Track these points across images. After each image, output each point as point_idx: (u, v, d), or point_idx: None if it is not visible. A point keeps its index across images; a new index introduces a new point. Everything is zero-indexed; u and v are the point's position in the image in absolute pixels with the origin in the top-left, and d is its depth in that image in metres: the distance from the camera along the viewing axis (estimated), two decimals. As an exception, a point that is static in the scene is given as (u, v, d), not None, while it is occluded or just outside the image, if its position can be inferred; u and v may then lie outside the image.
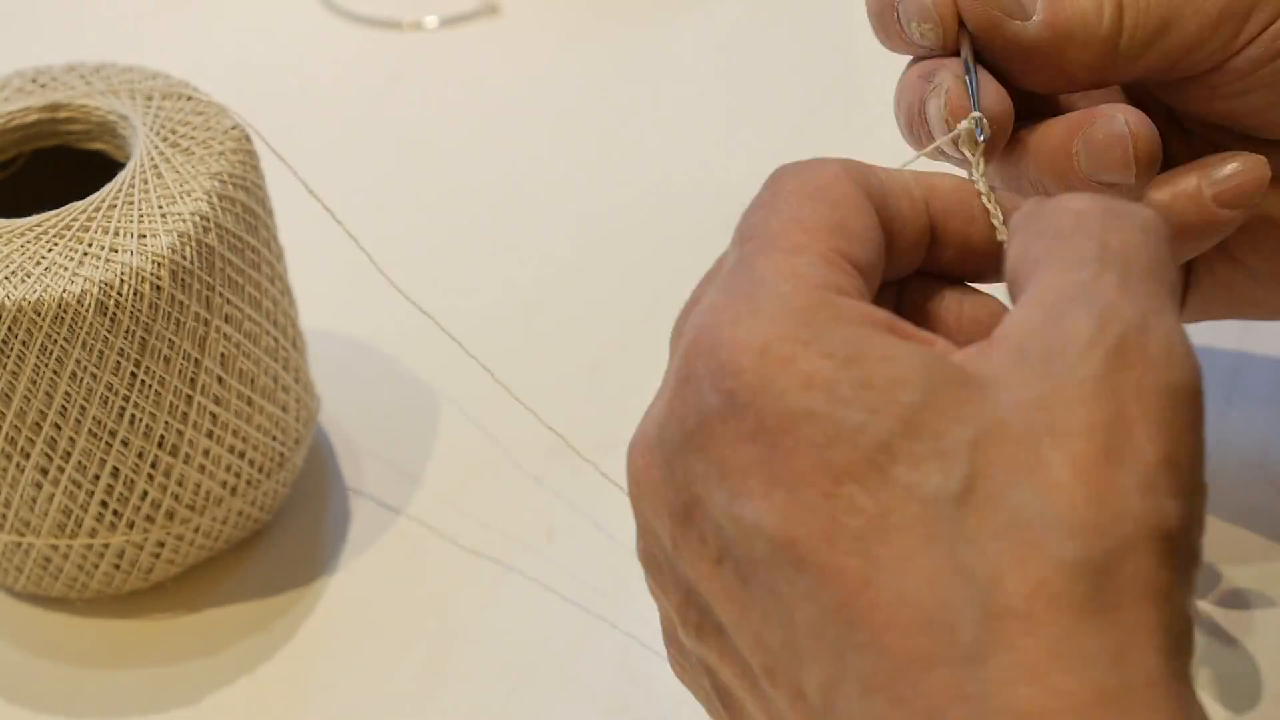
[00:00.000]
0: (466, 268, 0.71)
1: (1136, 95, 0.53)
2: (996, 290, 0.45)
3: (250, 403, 0.57)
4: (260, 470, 0.59)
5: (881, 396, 0.37)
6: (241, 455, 0.58)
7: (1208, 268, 0.53)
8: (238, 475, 0.58)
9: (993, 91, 0.48)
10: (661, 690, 0.56)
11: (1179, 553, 0.37)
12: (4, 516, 0.57)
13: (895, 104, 0.50)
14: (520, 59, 0.81)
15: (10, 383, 0.54)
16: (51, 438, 0.55)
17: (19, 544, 0.57)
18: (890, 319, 0.39)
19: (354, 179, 0.76)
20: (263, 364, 0.57)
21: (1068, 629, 0.35)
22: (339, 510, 0.62)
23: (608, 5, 0.84)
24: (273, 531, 0.62)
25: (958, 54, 0.49)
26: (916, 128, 0.49)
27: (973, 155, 0.46)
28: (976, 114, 0.47)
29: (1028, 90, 0.50)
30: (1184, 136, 0.53)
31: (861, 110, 0.77)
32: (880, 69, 0.81)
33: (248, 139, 0.57)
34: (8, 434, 0.55)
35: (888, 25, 0.50)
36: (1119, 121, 0.48)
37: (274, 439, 0.59)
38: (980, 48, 0.49)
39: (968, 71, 0.48)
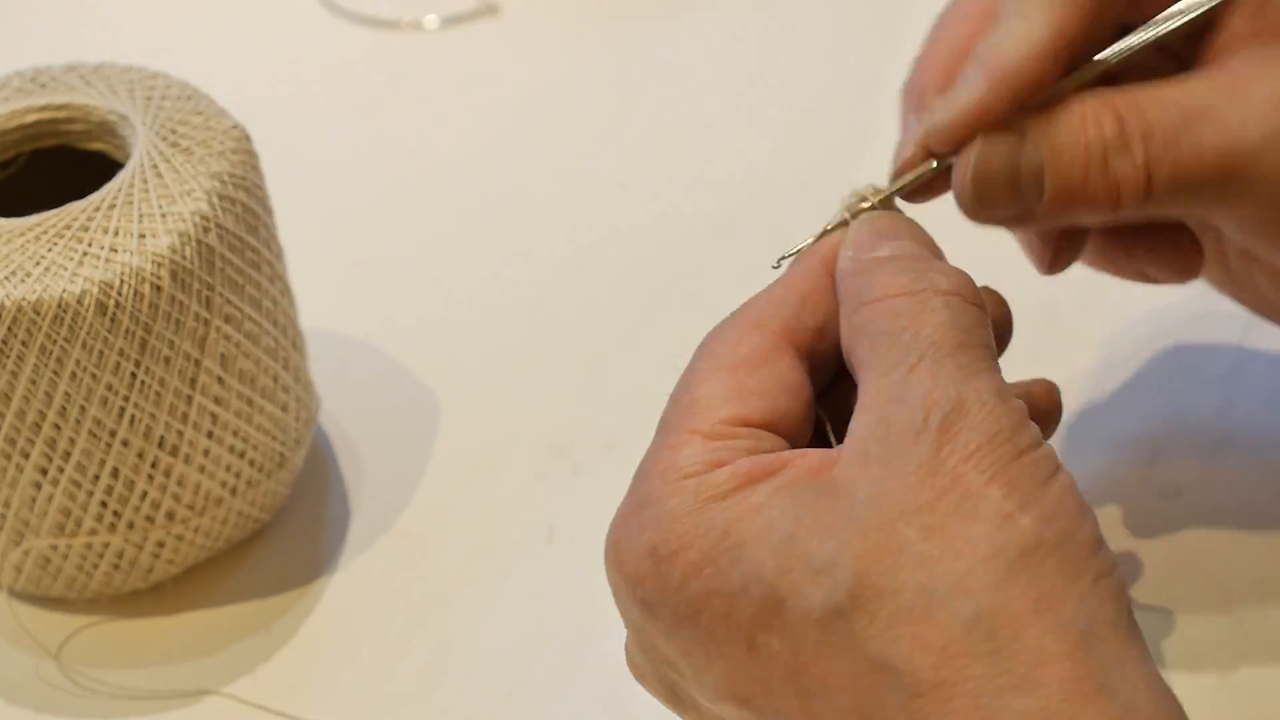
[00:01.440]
0: (466, 267, 0.71)
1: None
2: None
3: (250, 403, 0.57)
4: (260, 470, 0.59)
5: (755, 548, 0.41)
6: (241, 455, 0.58)
7: (1239, 270, 0.54)
8: (238, 475, 0.58)
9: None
10: (661, 690, 0.56)
11: (1054, 552, 0.40)
12: (4, 516, 0.57)
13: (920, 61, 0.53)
14: (520, 59, 0.81)
15: (10, 383, 0.54)
16: (51, 438, 0.55)
17: (19, 544, 0.57)
18: (756, 466, 0.43)
19: (354, 179, 0.76)
20: (263, 364, 0.57)
21: (980, 679, 0.39)
22: (339, 510, 0.62)
23: (608, 5, 0.84)
24: (273, 531, 0.62)
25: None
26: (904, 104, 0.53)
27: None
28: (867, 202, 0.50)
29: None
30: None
31: (864, 109, 0.77)
32: (882, 68, 0.82)
33: (248, 139, 0.57)
34: (8, 434, 0.55)
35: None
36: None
37: (274, 439, 0.59)
38: None
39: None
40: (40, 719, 0.57)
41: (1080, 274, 0.58)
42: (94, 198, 0.55)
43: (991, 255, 0.54)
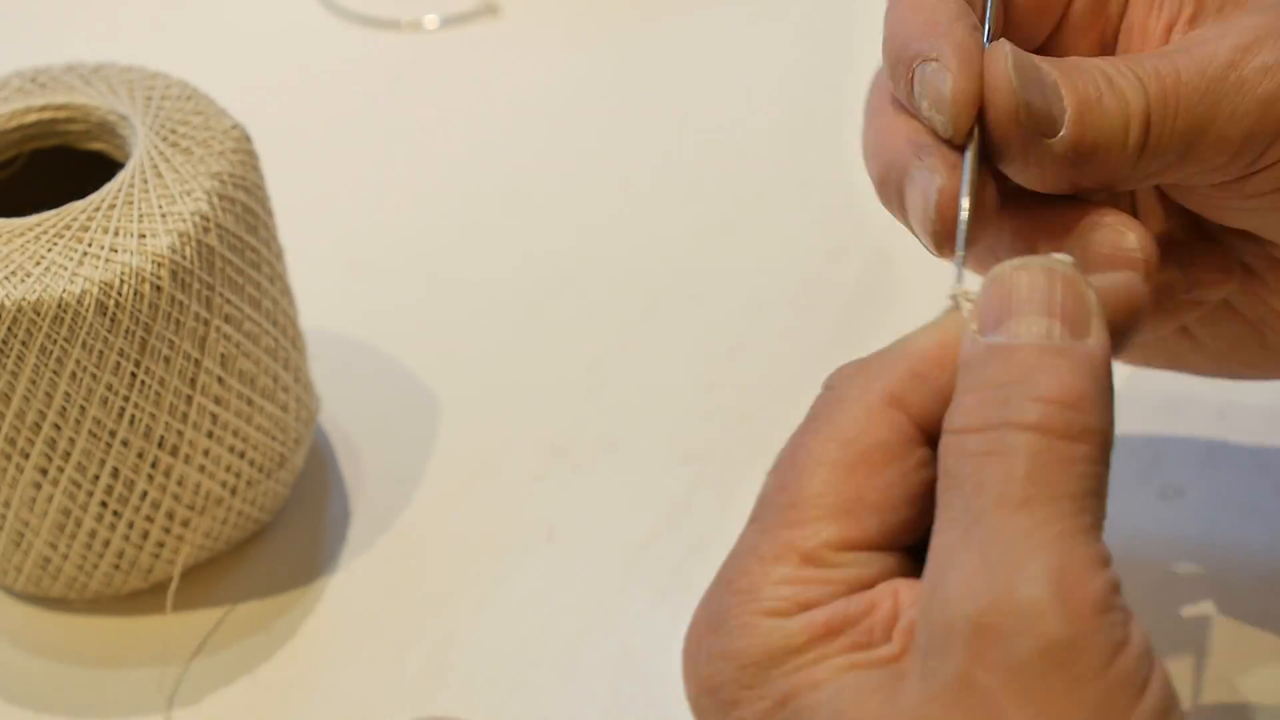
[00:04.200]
0: (466, 267, 0.71)
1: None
2: None
3: (250, 403, 0.57)
4: (260, 470, 0.59)
5: None
6: (241, 455, 0.58)
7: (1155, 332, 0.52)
8: (238, 475, 0.58)
9: (985, 200, 0.45)
10: (661, 690, 0.56)
11: None
12: (4, 516, 0.57)
13: (865, 149, 0.48)
14: (520, 59, 0.81)
15: (10, 383, 0.54)
16: (51, 438, 0.55)
17: (19, 544, 0.57)
18: (835, 617, 0.39)
19: (354, 179, 0.76)
20: (263, 364, 0.57)
21: None
22: (339, 510, 0.62)
23: (607, 5, 0.84)
24: (273, 531, 0.62)
25: (961, 146, 0.45)
26: (890, 191, 0.47)
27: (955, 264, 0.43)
28: (960, 256, 0.43)
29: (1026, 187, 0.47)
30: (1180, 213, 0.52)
31: (862, 111, 0.77)
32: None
33: (248, 139, 0.57)
34: (8, 434, 0.55)
35: (897, 78, 0.47)
36: (1130, 240, 0.45)
37: (274, 439, 0.59)
38: (992, 148, 0.46)
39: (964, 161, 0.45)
40: (40, 719, 0.57)
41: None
42: (94, 198, 0.55)
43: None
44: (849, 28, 0.81)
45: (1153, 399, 0.62)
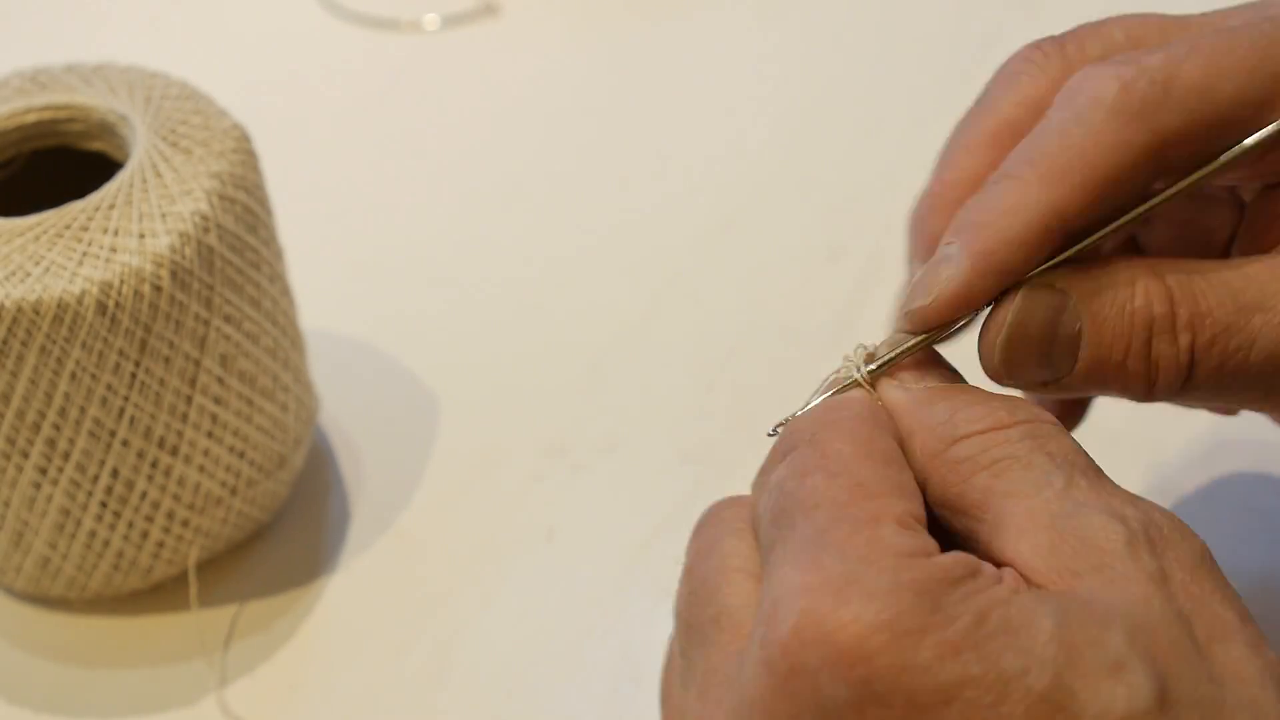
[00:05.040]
0: (466, 267, 0.71)
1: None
2: None
3: (250, 403, 0.57)
4: (260, 470, 0.59)
5: (1030, 635, 0.36)
6: (241, 455, 0.58)
7: None
8: (237, 475, 0.58)
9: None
10: (661, 690, 0.56)
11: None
12: (4, 516, 0.57)
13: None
14: (520, 59, 0.81)
15: (10, 383, 0.54)
16: (51, 438, 0.55)
17: (19, 544, 0.57)
18: (976, 564, 0.38)
19: (353, 179, 0.76)
20: (263, 364, 0.57)
21: None
22: (339, 510, 0.62)
23: (607, 5, 0.84)
24: (273, 531, 0.62)
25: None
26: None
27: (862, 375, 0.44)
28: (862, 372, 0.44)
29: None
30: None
31: (864, 111, 0.77)
32: (884, 70, 0.82)
33: (248, 139, 0.57)
34: (7, 434, 0.55)
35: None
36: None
37: (274, 439, 0.59)
38: None
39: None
40: (40, 719, 0.57)
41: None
42: (94, 198, 0.55)
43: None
44: (848, 29, 0.81)
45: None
